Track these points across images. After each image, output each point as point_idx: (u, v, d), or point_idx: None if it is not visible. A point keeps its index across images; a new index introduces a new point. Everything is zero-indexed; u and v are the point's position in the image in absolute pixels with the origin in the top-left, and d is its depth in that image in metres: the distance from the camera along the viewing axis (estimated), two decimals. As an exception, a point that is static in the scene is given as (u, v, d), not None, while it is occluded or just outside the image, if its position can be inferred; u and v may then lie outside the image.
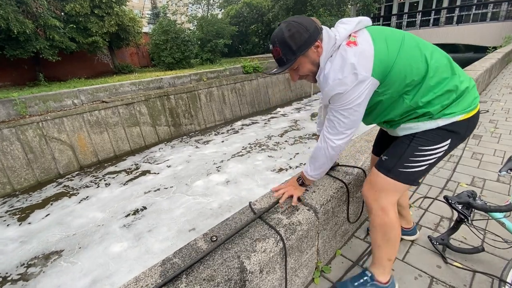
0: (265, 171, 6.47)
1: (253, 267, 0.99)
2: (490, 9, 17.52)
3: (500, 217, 1.36)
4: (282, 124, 10.23)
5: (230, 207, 5.03)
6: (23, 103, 6.66)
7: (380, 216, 1.17)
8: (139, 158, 7.87)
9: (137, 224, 4.82)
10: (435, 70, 1.02)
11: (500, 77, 7.49)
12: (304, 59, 1.08)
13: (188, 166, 7.12)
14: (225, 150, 7.99)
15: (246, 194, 5.47)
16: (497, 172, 2.30)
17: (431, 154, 1.10)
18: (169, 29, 13.19)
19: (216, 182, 6.07)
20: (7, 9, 7.76)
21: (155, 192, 5.90)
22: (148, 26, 21.28)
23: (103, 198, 5.82)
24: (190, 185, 6.05)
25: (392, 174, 1.14)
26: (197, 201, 5.39)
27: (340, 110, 1.06)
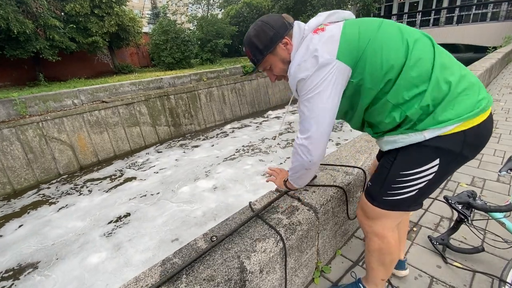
0: (255, 176, 6.23)
1: (253, 267, 0.99)
2: (490, 9, 17.53)
3: (500, 217, 1.36)
4: (277, 127, 10.03)
5: (215, 215, 4.81)
6: (23, 103, 6.66)
7: (376, 241, 1.08)
8: (125, 163, 7.59)
9: (118, 233, 4.61)
10: (416, 60, 0.85)
11: (500, 77, 7.49)
12: (274, 57, 1.04)
13: (177, 170, 6.88)
14: (217, 154, 7.79)
15: (233, 201, 5.21)
16: (497, 172, 2.30)
17: (417, 178, 0.93)
18: (169, 29, 13.19)
19: (203, 188, 5.83)
20: (7, 9, 7.76)
21: (140, 199, 5.67)
22: (148, 26, 21.29)
23: (84, 207, 5.54)
24: (176, 191, 5.80)
25: (377, 203, 1.02)
26: (181, 208, 5.13)
27: (304, 100, 0.94)
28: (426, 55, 0.86)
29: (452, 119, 0.84)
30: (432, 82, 0.84)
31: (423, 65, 0.85)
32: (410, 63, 0.85)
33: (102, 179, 6.71)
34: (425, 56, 0.86)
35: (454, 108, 0.85)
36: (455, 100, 0.85)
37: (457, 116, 0.84)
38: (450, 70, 0.87)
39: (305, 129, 0.97)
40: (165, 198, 5.61)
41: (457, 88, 0.85)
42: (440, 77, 0.85)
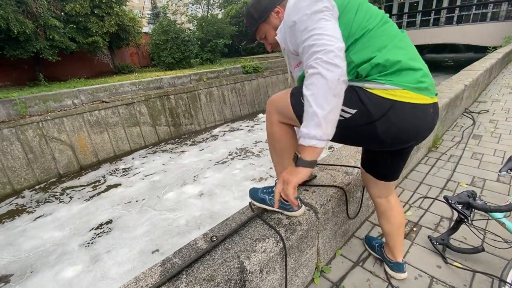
0: (244, 181, 5.97)
1: (253, 267, 0.99)
2: (490, 9, 17.53)
3: (500, 217, 1.36)
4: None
5: (199, 224, 4.59)
6: (23, 103, 6.67)
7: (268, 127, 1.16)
8: (112, 167, 7.33)
9: (97, 243, 4.41)
10: (383, 30, 0.91)
11: (500, 77, 7.49)
12: (267, 26, 1.09)
13: (165, 176, 6.60)
14: (209, 157, 7.53)
15: (219, 209, 4.95)
16: (497, 172, 2.30)
17: None
18: (169, 29, 13.20)
19: (189, 195, 5.58)
20: (7, 9, 7.77)
21: (124, 206, 5.42)
22: (148, 26, 21.30)
23: (62, 216, 5.27)
24: (161, 198, 5.57)
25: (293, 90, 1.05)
26: (164, 217, 4.91)
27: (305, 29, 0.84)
28: (392, 32, 0.92)
29: (391, 81, 0.86)
30: (387, 51, 0.87)
31: (387, 36, 0.90)
32: (378, 31, 0.89)
33: (85, 186, 6.45)
34: (391, 32, 0.92)
35: (398, 75, 0.86)
36: (401, 71, 0.87)
37: (396, 82, 0.86)
38: (406, 50, 0.91)
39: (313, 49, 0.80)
40: (149, 205, 5.36)
41: (407, 63, 0.87)
42: (397, 50, 0.89)
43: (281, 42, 1.02)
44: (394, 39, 0.91)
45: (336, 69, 0.77)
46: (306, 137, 0.81)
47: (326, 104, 0.78)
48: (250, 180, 6.02)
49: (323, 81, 0.77)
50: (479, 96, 5.38)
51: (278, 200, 0.96)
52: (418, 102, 0.89)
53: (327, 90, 0.77)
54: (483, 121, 3.82)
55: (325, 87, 0.77)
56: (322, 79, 0.77)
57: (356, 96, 0.90)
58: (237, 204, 4.99)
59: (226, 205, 5.08)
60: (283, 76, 13.39)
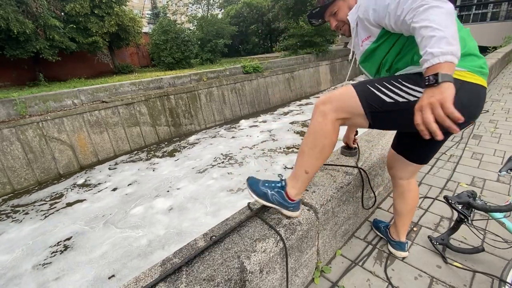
0: (219, 192, 5.54)
1: (253, 267, 0.99)
2: (490, 9, 17.54)
3: (500, 217, 1.36)
4: (256, 135, 9.09)
5: (163, 244, 4.18)
6: (23, 103, 6.67)
7: (317, 120, 1.08)
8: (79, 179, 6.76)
9: (47, 267, 3.96)
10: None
11: (500, 77, 7.49)
12: (343, 3, 1.16)
13: (140, 187, 6.11)
14: (192, 164, 7.07)
15: (187, 227, 4.54)
16: (497, 172, 2.30)
17: (404, 92, 0.97)
18: (169, 29, 13.21)
19: (157, 210, 5.14)
20: (7, 9, 7.77)
21: (87, 222, 4.97)
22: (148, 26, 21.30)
23: (13, 237, 4.77)
24: (128, 213, 5.10)
25: (357, 87, 1.04)
26: (126, 235, 4.50)
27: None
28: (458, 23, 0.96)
29: (459, 64, 0.90)
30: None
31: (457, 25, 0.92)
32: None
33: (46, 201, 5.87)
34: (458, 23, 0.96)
35: (464, 60, 0.95)
36: (467, 56, 0.97)
37: (464, 65, 0.95)
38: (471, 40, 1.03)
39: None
40: (112, 221, 4.91)
41: (472, 50, 0.99)
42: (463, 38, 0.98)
43: (353, 20, 1.11)
44: (461, 29, 0.98)
45: (448, 4, 0.82)
46: (440, 54, 0.76)
47: (451, 25, 0.78)
48: (226, 191, 5.58)
49: (441, 10, 0.80)
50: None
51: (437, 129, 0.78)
52: (481, 84, 0.98)
53: (447, 15, 0.79)
54: (483, 121, 3.82)
55: (445, 13, 0.80)
56: (438, 9, 0.80)
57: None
58: (208, 221, 4.59)
59: (196, 222, 4.63)
60: (283, 76, 13.39)
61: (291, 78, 13.83)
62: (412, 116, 0.83)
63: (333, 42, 18.01)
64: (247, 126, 10.22)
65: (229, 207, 4.90)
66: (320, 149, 1.10)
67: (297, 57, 14.89)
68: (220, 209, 4.92)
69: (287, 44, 16.91)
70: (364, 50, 1.15)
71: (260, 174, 6.22)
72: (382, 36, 1.07)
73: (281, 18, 18.35)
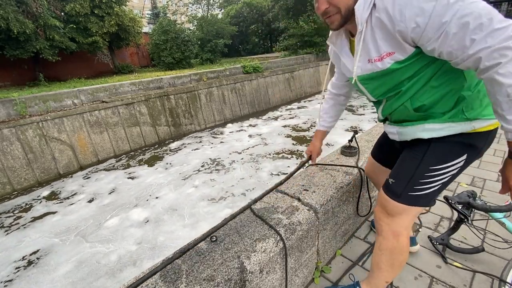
0: (199, 202, 5.18)
1: (253, 267, 0.99)
2: (490, 9, 17.56)
3: (500, 217, 1.36)
4: (247, 140, 8.63)
5: (135, 260, 3.84)
6: (23, 103, 6.66)
7: (390, 240, 1.04)
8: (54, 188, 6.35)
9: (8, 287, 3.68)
10: None
11: (500, 77, 7.49)
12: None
13: (118, 197, 5.69)
14: (178, 170, 6.69)
15: (162, 242, 4.18)
16: (497, 172, 2.30)
17: (444, 173, 0.94)
18: (169, 29, 13.22)
19: (132, 222, 4.77)
20: (7, 9, 7.77)
21: (57, 235, 4.62)
22: (148, 26, 21.29)
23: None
24: (101, 226, 4.74)
25: (402, 199, 0.99)
26: (95, 250, 4.16)
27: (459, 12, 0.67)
28: None
29: (485, 116, 0.87)
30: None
31: None
32: None
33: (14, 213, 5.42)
34: None
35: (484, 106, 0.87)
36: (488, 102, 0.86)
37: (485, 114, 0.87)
38: None
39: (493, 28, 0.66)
40: (84, 234, 4.57)
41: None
42: None
43: (363, 18, 0.81)
44: None
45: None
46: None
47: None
48: (207, 200, 5.19)
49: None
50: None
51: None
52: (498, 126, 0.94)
53: None
54: (483, 121, 3.82)
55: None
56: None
57: (459, 144, 0.93)
58: (186, 234, 4.26)
59: (172, 235, 4.29)
60: (283, 76, 13.39)
61: (291, 78, 13.83)
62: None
63: (333, 42, 17.95)
64: (241, 129, 9.97)
65: (208, 218, 4.62)
66: (399, 264, 1.10)
67: (297, 57, 14.89)
68: (198, 221, 4.59)
69: (287, 44, 16.91)
70: (380, 70, 0.88)
71: (245, 181, 5.88)
72: (414, 56, 0.81)
73: (281, 18, 18.35)
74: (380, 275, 1.13)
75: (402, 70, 0.85)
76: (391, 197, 1.02)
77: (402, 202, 1.00)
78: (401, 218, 1.03)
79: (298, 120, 10.34)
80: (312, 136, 8.16)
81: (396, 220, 1.03)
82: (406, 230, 1.04)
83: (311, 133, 8.67)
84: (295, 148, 7.59)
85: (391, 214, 1.04)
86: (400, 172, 1.03)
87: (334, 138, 7.65)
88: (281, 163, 6.64)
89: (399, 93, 0.93)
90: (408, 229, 1.06)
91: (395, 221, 1.03)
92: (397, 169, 1.05)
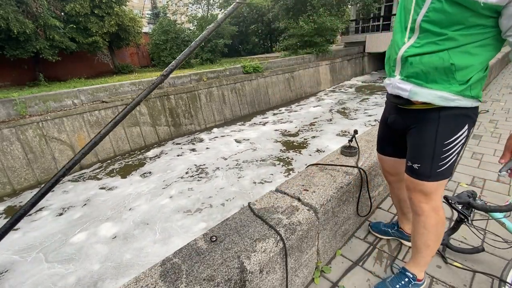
0: (174, 214, 4.81)
1: (253, 267, 0.99)
2: (490, 9, 17.49)
3: (500, 217, 1.36)
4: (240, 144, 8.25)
5: (95, 282, 3.52)
6: (23, 103, 6.66)
7: (434, 217, 1.14)
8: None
9: None
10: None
11: (500, 77, 7.49)
12: None
13: (91, 209, 5.26)
14: (161, 177, 6.26)
15: (129, 259, 3.83)
16: (497, 172, 2.29)
17: (456, 143, 1.04)
18: (169, 29, 13.22)
19: (99, 237, 4.41)
20: (7, 9, 7.77)
21: (19, 253, 4.23)
22: (148, 26, 21.29)
23: None
24: (66, 242, 4.37)
25: (434, 178, 1.09)
26: (53, 272, 3.78)
27: None
28: None
29: (480, 97, 0.99)
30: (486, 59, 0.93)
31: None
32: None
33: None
34: None
35: (481, 88, 0.99)
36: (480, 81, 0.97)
37: (479, 94, 0.99)
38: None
39: None
40: (45, 252, 4.19)
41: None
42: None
43: None
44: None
45: None
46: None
47: None
48: (183, 213, 4.81)
49: None
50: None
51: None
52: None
53: None
54: (483, 121, 3.82)
55: None
56: None
57: (461, 117, 1.02)
58: (156, 251, 3.91)
59: (141, 253, 3.94)
60: (283, 76, 13.39)
61: (291, 78, 13.83)
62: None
63: (333, 42, 18.01)
64: (233, 131, 9.60)
65: (181, 233, 4.29)
66: (441, 236, 1.21)
67: (297, 57, 14.89)
68: (171, 236, 4.24)
69: (287, 44, 16.91)
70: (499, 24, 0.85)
71: (225, 190, 5.54)
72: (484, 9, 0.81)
73: (281, 18, 18.34)
74: (429, 252, 1.22)
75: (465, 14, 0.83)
76: (423, 179, 1.10)
77: (436, 180, 1.09)
78: (437, 193, 1.13)
79: (290, 125, 9.76)
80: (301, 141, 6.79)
81: (433, 197, 1.13)
82: (441, 203, 1.16)
83: (298, 138, 8.27)
84: (283, 154, 7.13)
85: (427, 194, 1.12)
86: (421, 154, 1.09)
87: (324, 143, 7.45)
88: (266, 170, 6.31)
89: (441, 35, 0.88)
90: (441, 201, 1.17)
91: (432, 198, 1.13)
92: (415, 152, 1.11)
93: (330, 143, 7.41)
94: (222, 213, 4.76)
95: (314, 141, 7.84)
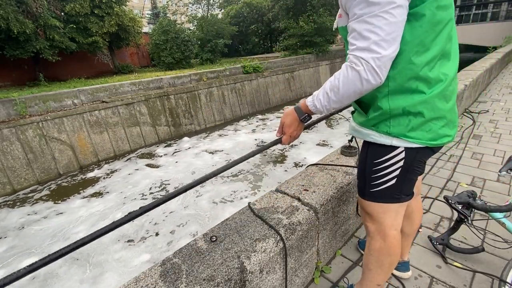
0: (113, 245, 4.21)
1: (253, 267, 0.99)
2: (490, 9, 17.54)
3: (500, 217, 1.36)
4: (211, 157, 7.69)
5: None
6: (23, 103, 6.66)
7: (379, 241, 1.04)
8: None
9: None
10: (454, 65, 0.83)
11: (500, 77, 7.49)
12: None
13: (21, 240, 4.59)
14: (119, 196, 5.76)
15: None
16: (497, 172, 2.29)
17: (388, 166, 0.93)
18: (169, 29, 13.21)
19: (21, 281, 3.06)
20: (7, 9, 7.77)
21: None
22: (148, 26, 21.28)
23: None
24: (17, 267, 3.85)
25: (367, 197, 1.02)
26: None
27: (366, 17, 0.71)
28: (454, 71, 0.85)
29: (421, 140, 0.85)
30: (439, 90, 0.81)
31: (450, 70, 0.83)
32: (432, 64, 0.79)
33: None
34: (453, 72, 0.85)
35: (428, 131, 0.85)
36: (434, 121, 0.84)
37: (426, 140, 0.85)
38: (453, 95, 0.87)
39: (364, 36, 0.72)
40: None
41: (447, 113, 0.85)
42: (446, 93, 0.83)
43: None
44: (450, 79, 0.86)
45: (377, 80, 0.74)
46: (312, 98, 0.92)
47: (346, 101, 0.82)
48: (124, 242, 4.22)
49: (359, 85, 0.76)
50: (479, 96, 5.38)
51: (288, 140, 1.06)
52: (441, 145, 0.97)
53: (356, 93, 0.79)
54: (483, 121, 3.82)
55: (357, 91, 0.78)
56: (359, 83, 0.75)
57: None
58: (113, 283, 3.44)
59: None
60: (283, 76, 13.39)
61: (291, 78, 13.84)
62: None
63: (333, 42, 18.02)
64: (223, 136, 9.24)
65: (118, 268, 3.70)
66: (388, 266, 1.07)
67: (297, 57, 14.90)
68: (104, 273, 3.64)
69: (287, 44, 16.91)
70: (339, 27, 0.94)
71: (175, 214, 4.94)
72: None
73: (281, 18, 18.34)
74: (371, 277, 1.12)
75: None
76: (360, 195, 1.06)
77: (369, 200, 1.02)
78: (384, 218, 1.01)
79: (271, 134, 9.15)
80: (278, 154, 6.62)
81: (380, 220, 1.03)
82: (392, 230, 1.02)
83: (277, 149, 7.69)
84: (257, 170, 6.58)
85: (370, 214, 1.05)
86: (358, 171, 1.06)
87: (302, 154, 7.16)
88: (229, 186, 5.76)
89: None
90: (394, 229, 1.02)
91: (378, 221, 1.03)
92: (358, 169, 1.08)
93: (308, 153, 7.18)
94: (170, 242, 4.21)
95: (291, 153, 7.40)
